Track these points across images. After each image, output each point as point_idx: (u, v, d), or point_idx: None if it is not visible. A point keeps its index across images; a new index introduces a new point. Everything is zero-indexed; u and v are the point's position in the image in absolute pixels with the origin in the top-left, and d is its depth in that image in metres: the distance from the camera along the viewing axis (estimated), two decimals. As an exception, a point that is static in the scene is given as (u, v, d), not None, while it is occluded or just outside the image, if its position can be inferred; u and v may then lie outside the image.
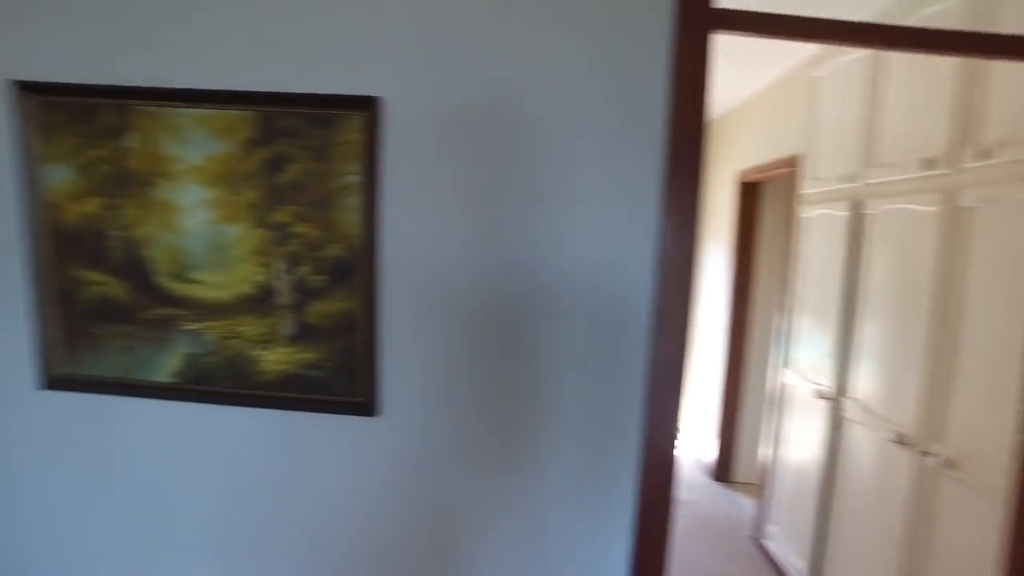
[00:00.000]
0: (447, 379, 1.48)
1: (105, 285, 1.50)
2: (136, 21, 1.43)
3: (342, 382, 1.48)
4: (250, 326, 1.47)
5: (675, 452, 1.45)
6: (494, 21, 1.37)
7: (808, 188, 3.07)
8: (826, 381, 2.81)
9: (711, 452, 4.50)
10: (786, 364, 3.22)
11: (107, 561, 1.62)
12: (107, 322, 1.51)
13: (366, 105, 1.39)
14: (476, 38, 1.38)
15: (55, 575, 1.64)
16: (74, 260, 1.50)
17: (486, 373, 1.47)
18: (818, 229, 2.96)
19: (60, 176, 1.47)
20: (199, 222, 1.45)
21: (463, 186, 1.41)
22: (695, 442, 4.92)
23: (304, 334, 1.46)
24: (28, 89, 1.45)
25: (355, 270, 1.43)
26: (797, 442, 3.09)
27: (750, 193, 4.15)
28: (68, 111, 1.45)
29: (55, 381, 1.56)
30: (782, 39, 1.46)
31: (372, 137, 1.40)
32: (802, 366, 3.06)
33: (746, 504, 4.05)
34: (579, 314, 1.43)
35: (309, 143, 1.41)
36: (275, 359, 1.48)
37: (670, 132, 1.37)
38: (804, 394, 3.01)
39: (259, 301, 1.46)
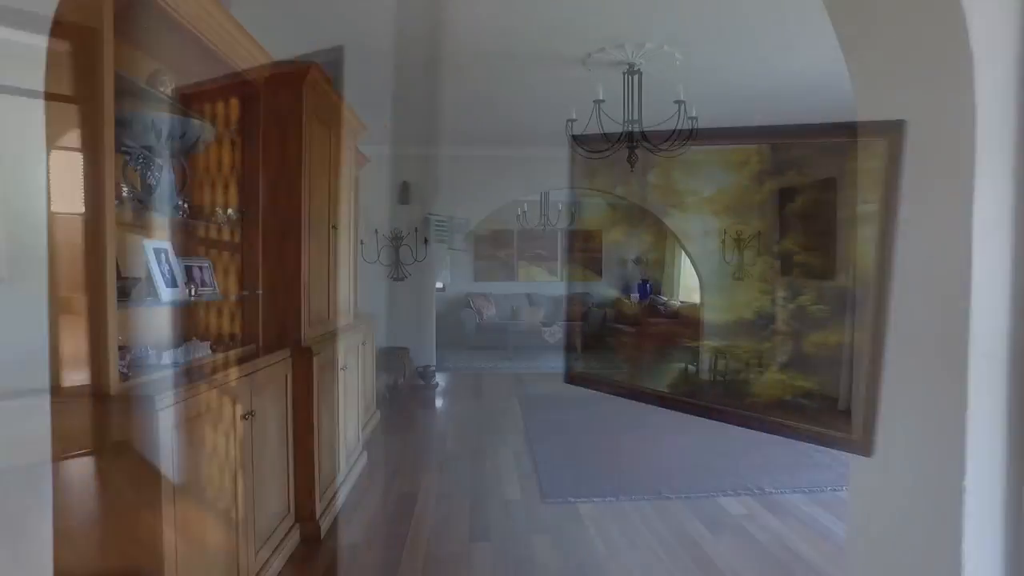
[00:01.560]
0: (965, 433, 1.29)
1: (620, 301, 1.77)
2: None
3: (833, 415, 1.43)
4: (746, 349, 1.55)
5: None
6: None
7: None
8: None
9: None
10: None
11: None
12: (618, 333, 1.78)
13: (891, 130, 1.32)
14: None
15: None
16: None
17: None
18: None
19: (598, 209, 1.80)
20: (707, 249, 1.59)
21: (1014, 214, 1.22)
22: None
23: (798, 362, 1.47)
24: (577, 141, 1.82)
25: (861, 302, 1.38)
26: None
27: None
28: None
29: (572, 377, 1.90)
30: None
31: (894, 163, 1.33)
32: None
33: None
34: None
35: (818, 173, 1.41)
36: (766, 382, 1.52)
37: None
38: None
39: (758, 326, 1.52)
